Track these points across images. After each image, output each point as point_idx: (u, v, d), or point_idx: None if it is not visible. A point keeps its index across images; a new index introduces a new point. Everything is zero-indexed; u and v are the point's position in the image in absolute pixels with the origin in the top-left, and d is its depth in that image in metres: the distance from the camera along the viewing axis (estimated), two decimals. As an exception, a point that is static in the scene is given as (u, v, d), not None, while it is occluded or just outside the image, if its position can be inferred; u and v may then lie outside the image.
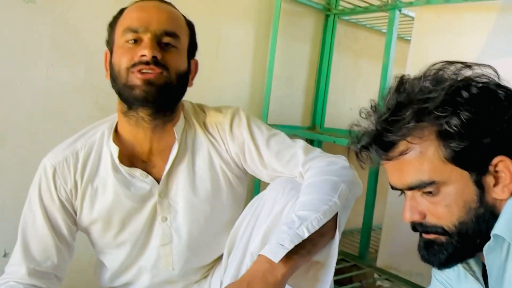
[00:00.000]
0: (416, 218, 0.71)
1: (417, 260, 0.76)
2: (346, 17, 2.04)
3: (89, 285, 1.37)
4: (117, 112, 0.98)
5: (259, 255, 0.77)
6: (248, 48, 1.80)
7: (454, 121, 0.65)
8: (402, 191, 0.73)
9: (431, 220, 0.70)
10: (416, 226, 0.73)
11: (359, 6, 1.86)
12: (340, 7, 1.94)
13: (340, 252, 1.83)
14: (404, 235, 1.62)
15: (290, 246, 0.74)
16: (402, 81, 0.72)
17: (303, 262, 0.79)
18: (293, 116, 2.00)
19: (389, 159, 0.71)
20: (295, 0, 1.84)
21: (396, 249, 1.68)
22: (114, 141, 0.96)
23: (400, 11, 1.72)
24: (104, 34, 0.98)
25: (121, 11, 0.96)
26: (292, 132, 1.85)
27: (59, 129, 1.36)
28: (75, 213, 0.98)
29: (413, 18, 1.76)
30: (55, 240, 0.96)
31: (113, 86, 0.93)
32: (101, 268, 1.09)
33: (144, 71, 0.87)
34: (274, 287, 0.73)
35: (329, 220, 0.81)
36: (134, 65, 0.88)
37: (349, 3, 1.88)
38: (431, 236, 0.71)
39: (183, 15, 0.99)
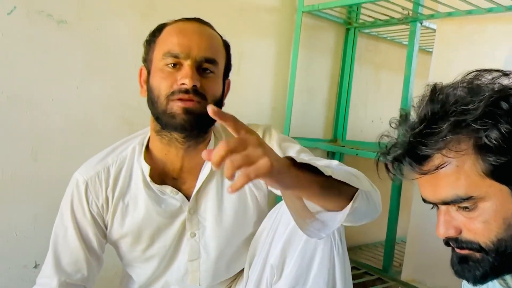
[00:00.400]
0: (451, 233, 0.67)
1: (442, 273, 0.73)
2: (367, 30, 2.05)
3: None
4: (150, 129, 0.99)
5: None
6: (270, 62, 1.83)
7: (494, 134, 0.61)
8: (435, 204, 0.70)
9: (467, 236, 0.67)
10: (450, 242, 0.69)
11: (380, 19, 1.87)
12: (360, 21, 1.95)
13: (364, 265, 1.81)
14: (429, 248, 1.60)
15: (310, 162, 0.71)
16: (435, 90, 0.68)
17: (308, 187, 0.73)
18: (315, 129, 2.00)
19: (423, 174, 0.67)
20: (316, 14, 1.87)
21: (421, 262, 1.66)
22: (145, 159, 0.97)
23: (421, 23, 1.72)
24: (131, 52, 1.01)
25: (160, 29, 0.96)
26: (313, 145, 1.86)
27: (88, 143, 1.40)
28: (106, 227, 1.00)
29: (434, 30, 1.76)
30: (85, 253, 0.98)
31: (150, 108, 0.94)
32: (128, 280, 1.11)
33: (183, 99, 0.89)
34: (279, 165, 0.65)
35: (347, 188, 0.77)
36: (173, 92, 0.89)
37: (369, 16, 1.90)
38: (466, 252, 0.68)
39: (220, 35, 0.99)
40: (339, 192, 0.78)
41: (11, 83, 1.27)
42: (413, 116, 0.69)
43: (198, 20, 0.97)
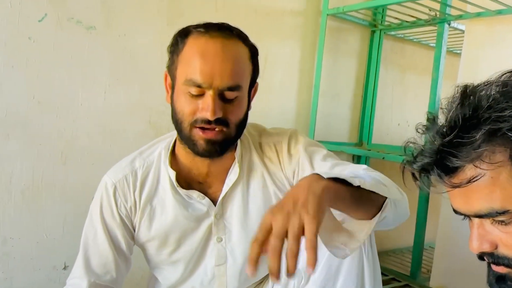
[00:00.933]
0: (486, 248, 0.63)
1: (473, 280, 0.71)
2: (393, 32, 2.03)
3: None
4: (176, 137, 0.99)
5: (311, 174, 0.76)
6: (294, 66, 1.82)
7: None
8: (467, 216, 0.65)
9: (503, 251, 0.62)
10: (484, 257, 0.65)
11: (406, 21, 1.84)
12: (386, 23, 1.93)
13: (391, 271, 1.78)
14: (460, 253, 1.55)
15: (340, 176, 0.74)
16: (466, 92, 0.62)
17: (344, 201, 0.76)
18: (340, 132, 1.99)
19: (454, 187, 0.62)
20: (341, 17, 1.85)
21: (451, 268, 1.62)
22: (171, 164, 0.98)
23: (449, 24, 1.69)
24: (157, 59, 1.01)
25: (183, 37, 0.92)
26: (339, 148, 1.84)
27: (115, 147, 1.42)
28: (134, 229, 1.01)
29: (463, 31, 1.72)
30: (114, 255, 0.99)
31: (174, 125, 0.94)
32: (154, 283, 1.12)
33: (205, 128, 0.89)
34: (318, 192, 0.70)
35: (376, 197, 0.78)
36: (196, 121, 0.89)
37: (395, 18, 1.87)
38: (504, 270, 0.63)
39: (246, 43, 0.94)
40: (369, 200, 0.78)
41: (42, 88, 1.30)
42: (442, 119, 0.64)
43: (223, 28, 0.92)
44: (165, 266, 1.04)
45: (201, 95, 0.88)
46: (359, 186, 0.74)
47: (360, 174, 0.83)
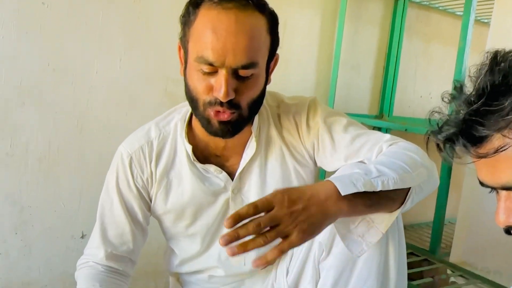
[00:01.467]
0: None
1: (495, 256, 0.68)
2: (418, 0, 1.94)
3: (158, 267, 1.42)
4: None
5: (327, 180, 0.74)
6: (314, 35, 1.77)
7: None
8: (494, 188, 0.62)
9: None
10: (511, 230, 0.63)
11: (433, -13, 1.77)
12: (411, -11, 1.85)
13: (409, 246, 1.76)
14: (482, 229, 1.52)
15: (361, 189, 0.71)
16: (496, 58, 0.59)
17: (361, 212, 0.76)
18: (360, 104, 1.94)
19: (480, 157, 0.59)
20: (363, -17, 1.78)
21: (472, 244, 1.59)
22: (188, 137, 0.95)
23: (478, -10, 1.60)
24: (173, 26, 0.97)
25: (195, 6, 0.86)
26: (358, 120, 1.76)
27: (131, 116, 1.41)
28: (150, 201, 1.00)
29: (492, -2, 1.64)
30: (131, 226, 0.98)
31: (188, 102, 0.90)
32: (171, 253, 1.11)
33: (218, 111, 0.85)
34: (328, 215, 0.71)
35: (399, 191, 0.76)
36: (209, 102, 0.85)
37: (421, -16, 1.79)
38: None
39: (264, 10, 0.87)
40: (389, 198, 0.76)
41: (56, 55, 1.28)
42: (469, 88, 0.60)
43: None
44: (181, 238, 1.03)
45: (214, 72, 0.83)
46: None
47: (383, 163, 0.78)
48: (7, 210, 1.29)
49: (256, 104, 0.91)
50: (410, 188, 0.78)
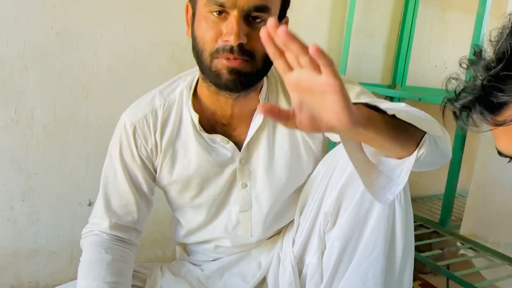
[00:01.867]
0: None
1: (506, 229, 0.64)
2: (435, -36, 1.86)
3: (165, 236, 1.42)
4: (198, 74, 0.93)
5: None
6: (326, 1, 1.70)
7: None
8: None
9: None
10: None
11: (452, -50, 1.68)
12: (429, -47, 1.77)
13: (419, 218, 1.74)
14: (494, 202, 1.49)
15: (372, 103, 0.68)
16: None
17: (374, 126, 0.66)
18: (372, 73, 1.88)
19: (498, 125, 0.56)
20: None
21: (483, 216, 1.56)
22: (194, 106, 0.92)
23: (501, -47, 1.52)
24: None
25: None
26: (370, 89, 1.71)
27: (137, 82, 1.37)
28: (155, 171, 0.98)
29: (515, -39, 1.56)
30: (135, 197, 0.97)
31: (195, 58, 0.87)
32: (176, 224, 1.10)
33: (228, 58, 0.80)
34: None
35: (414, 130, 0.71)
36: (218, 50, 0.81)
37: None
38: None
39: None
40: (406, 133, 0.69)
41: (60, 19, 1.24)
42: (490, 54, 0.56)
43: None
44: (187, 209, 1.02)
45: (225, 15, 0.79)
46: (394, 116, 0.67)
47: (397, 108, 0.74)
48: (14, 177, 1.28)
49: (269, 58, 0.87)
50: (425, 134, 0.72)
